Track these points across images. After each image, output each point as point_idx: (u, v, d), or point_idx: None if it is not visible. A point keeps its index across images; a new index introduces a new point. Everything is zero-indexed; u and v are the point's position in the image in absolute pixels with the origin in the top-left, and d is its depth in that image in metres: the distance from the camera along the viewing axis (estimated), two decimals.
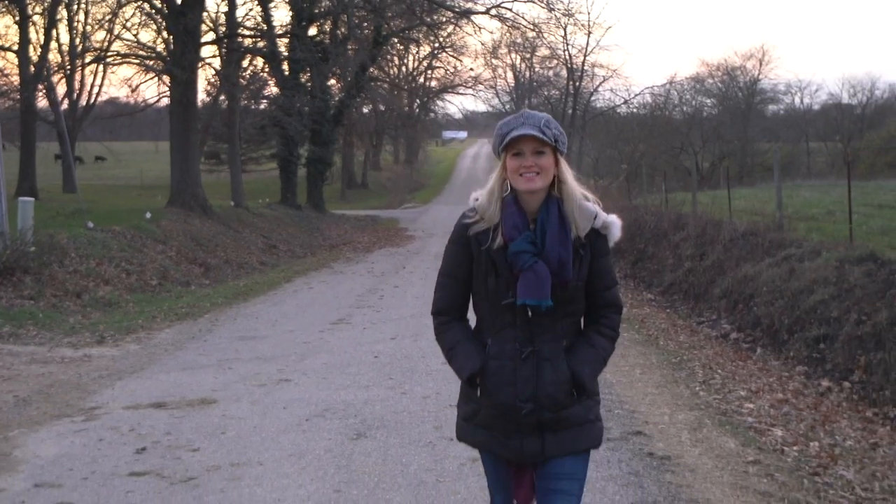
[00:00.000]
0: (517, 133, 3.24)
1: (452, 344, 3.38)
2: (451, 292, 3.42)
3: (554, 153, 3.30)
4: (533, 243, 3.23)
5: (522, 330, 3.26)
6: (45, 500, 5.28)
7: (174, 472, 5.80)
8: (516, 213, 3.27)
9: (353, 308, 13.54)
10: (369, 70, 39.14)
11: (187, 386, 8.30)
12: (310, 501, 5.25)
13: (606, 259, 3.39)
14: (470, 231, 3.32)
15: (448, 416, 7.19)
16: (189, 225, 21.87)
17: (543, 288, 3.18)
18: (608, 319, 3.44)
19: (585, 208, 3.32)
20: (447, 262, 3.43)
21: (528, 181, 3.24)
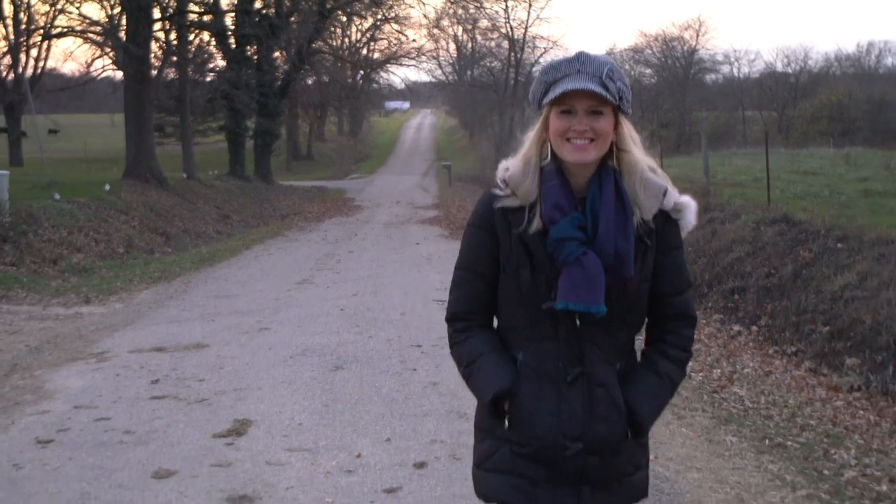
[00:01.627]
0: (570, 86, 2.48)
1: (474, 356, 2.63)
2: (471, 291, 2.69)
3: (615, 113, 2.55)
4: (581, 228, 2.51)
5: (568, 344, 2.54)
6: (86, 417, 6.55)
7: (188, 395, 7.10)
8: (560, 189, 2.55)
9: (314, 270, 14.83)
10: (314, 43, 40.12)
11: (179, 334, 9.57)
12: (304, 413, 6.60)
13: (678, 253, 2.66)
14: (496, 207, 2.62)
15: (410, 353, 8.58)
16: (147, 196, 22.89)
17: (594, 288, 2.47)
18: (677, 336, 2.70)
19: (652, 182, 2.59)
20: (467, 251, 2.71)
21: (579, 151, 2.51)
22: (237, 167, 35.85)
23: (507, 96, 46.15)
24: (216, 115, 41.87)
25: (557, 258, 2.49)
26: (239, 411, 6.63)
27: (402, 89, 79.80)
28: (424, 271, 14.71)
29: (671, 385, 2.68)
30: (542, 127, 2.59)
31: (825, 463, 5.92)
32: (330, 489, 5.12)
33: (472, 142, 64.63)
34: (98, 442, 5.95)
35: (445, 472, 5.40)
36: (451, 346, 2.75)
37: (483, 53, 54.71)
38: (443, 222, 24.37)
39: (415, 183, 43.54)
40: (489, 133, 52.44)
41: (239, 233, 23.29)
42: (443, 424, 6.34)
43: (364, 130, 78.81)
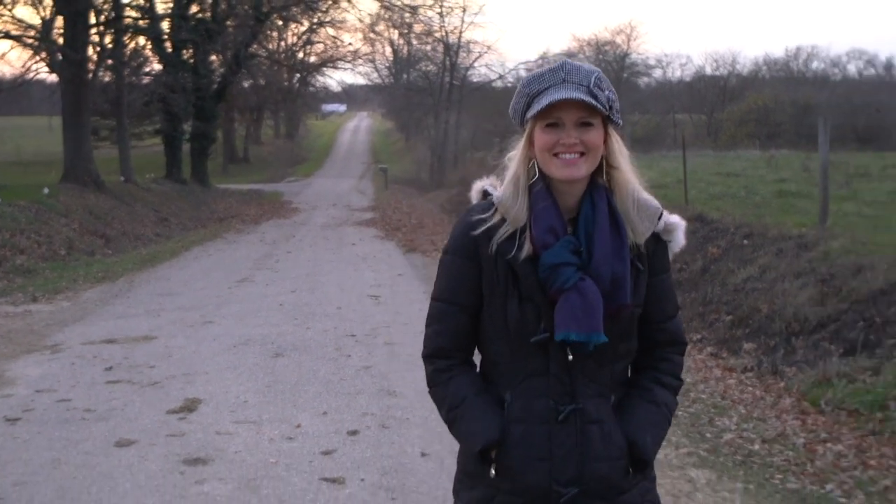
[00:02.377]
0: (556, 97, 2.32)
1: (457, 400, 2.48)
2: (453, 325, 2.51)
3: (605, 125, 2.41)
4: (576, 252, 2.37)
5: (559, 380, 2.41)
6: (48, 399, 7.23)
7: (141, 379, 7.81)
8: (552, 210, 2.39)
9: (253, 270, 15.52)
10: (251, 47, 40.62)
11: (127, 328, 10.23)
12: (249, 392, 7.36)
13: (668, 276, 2.57)
14: (479, 234, 2.44)
15: (345, 342, 9.36)
16: (86, 200, 23.30)
17: (593, 316, 2.33)
18: (669, 363, 2.60)
19: (646, 203, 2.47)
20: (445, 281, 2.53)
21: (569, 166, 2.36)
22: (174, 170, 36.20)
23: (442, 100, 46.96)
24: (152, 119, 42.15)
25: (552, 286, 2.33)
26: (189, 392, 7.36)
27: (338, 92, 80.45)
28: (360, 270, 15.46)
29: (669, 413, 2.55)
30: (527, 143, 2.43)
31: (709, 428, 6.82)
32: (273, 452, 5.89)
33: (409, 145, 65.40)
34: (62, 419, 6.64)
35: (375, 438, 6.20)
36: (431, 385, 2.56)
37: (418, 57, 55.51)
38: (378, 224, 25.11)
39: (351, 186, 44.18)
40: (425, 136, 53.21)
41: (178, 235, 23.79)
42: (373, 400, 7.13)
43: (301, 133, 79.13)
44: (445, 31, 45.60)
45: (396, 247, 19.39)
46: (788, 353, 9.64)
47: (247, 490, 5.25)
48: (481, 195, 2.56)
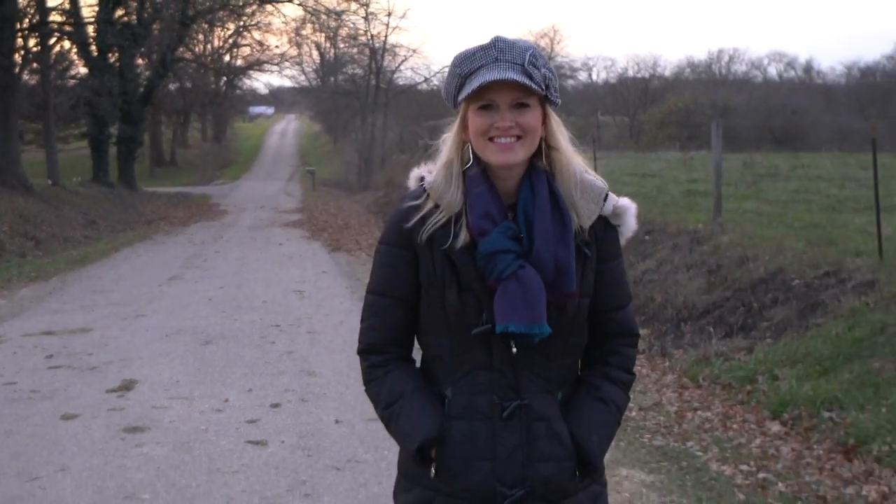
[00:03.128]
0: (488, 77, 2.19)
1: (394, 397, 2.37)
2: (388, 319, 2.41)
3: (542, 105, 2.29)
4: (515, 238, 2.26)
5: (503, 374, 2.29)
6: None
7: (80, 365, 8.53)
8: (488, 195, 2.29)
9: (182, 269, 16.18)
10: (177, 50, 41.00)
11: (64, 322, 10.89)
12: (180, 374, 8.14)
13: (618, 263, 2.44)
14: (412, 223, 2.33)
15: (270, 331, 10.15)
16: (14, 203, 23.65)
17: (535, 306, 2.21)
18: (620, 357, 2.46)
19: (590, 185, 2.37)
20: (380, 273, 2.43)
21: (505, 151, 2.24)
22: (101, 174, 36.43)
23: (368, 102, 47.72)
24: (78, 122, 42.25)
25: (490, 275, 2.22)
26: (125, 374, 8.12)
27: (265, 94, 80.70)
28: (286, 268, 16.23)
29: (618, 412, 2.41)
30: (461, 127, 2.32)
31: None
32: (204, 422, 6.69)
33: (337, 147, 65.96)
34: (10, 399, 7.36)
35: (295, 409, 7.03)
36: (366, 382, 2.44)
37: (345, 61, 56.22)
38: (305, 225, 25.81)
39: (279, 188, 44.73)
40: (353, 138, 53.91)
41: (106, 237, 24.23)
42: (294, 379, 7.96)
43: (228, 136, 79.27)
44: (371, 35, 46.37)
45: (322, 246, 20.15)
46: (677, 337, 10.68)
47: (181, 451, 6.05)
48: (418, 181, 2.42)
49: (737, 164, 28.94)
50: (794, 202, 18.28)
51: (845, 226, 13.20)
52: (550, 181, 2.31)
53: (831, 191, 20.16)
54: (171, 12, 38.72)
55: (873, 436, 6.47)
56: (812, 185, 22.02)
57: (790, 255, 10.78)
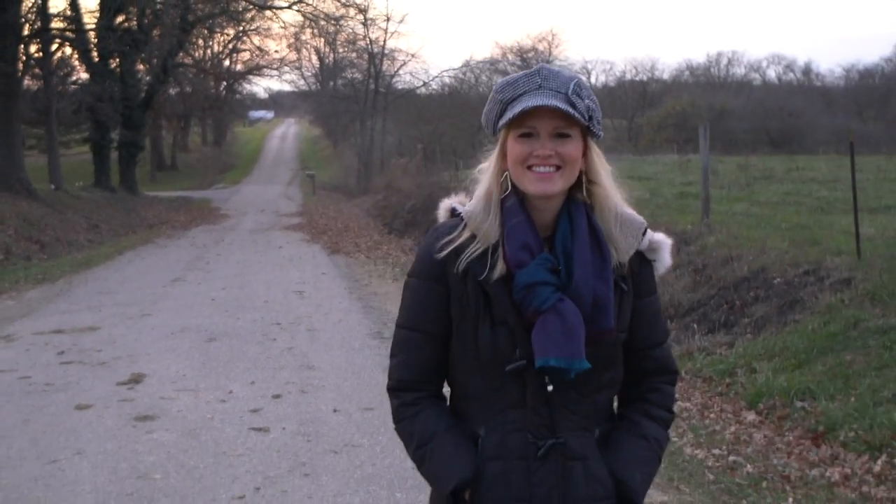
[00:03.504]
0: (530, 104, 2.18)
1: (426, 437, 2.32)
2: (420, 355, 2.36)
3: (584, 136, 2.27)
4: (553, 271, 2.22)
5: (537, 412, 2.25)
6: (10, 377, 8.35)
7: (91, 360, 8.97)
8: (525, 226, 2.25)
9: (185, 271, 16.62)
10: (177, 56, 41.48)
11: (72, 321, 11.32)
12: (186, 368, 8.58)
13: (654, 299, 2.42)
14: (445, 254, 2.29)
15: (271, 329, 10.59)
16: (19, 207, 24.10)
17: (574, 340, 2.16)
18: (660, 394, 2.44)
19: (629, 219, 2.33)
20: (412, 306, 2.39)
21: (543, 180, 2.21)
22: (102, 178, 36.88)
23: (367, 107, 48.19)
24: (80, 127, 42.73)
25: (528, 307, 2.17)
26: (134, 369, 8.56)
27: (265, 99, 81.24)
28: (286, 270, 16.67)
29: (660, 449, 2.38)
30: (500, 155, 2.30)
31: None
32: (210, 411, 7.13)
33: (336, 151, 66.42)
34: (25, 391, 7.80)
35: (295, 400, 7.47)
36: (397, 420, 2.38)
37: (344, 65, 56.72)
38: (305, 228, 26.24)
39: (279, 192, 45.18)
40: (352, 142, 54.40)
41: (109, 241, 24.67)
42: (295, 373, 8.41)
43: (228, 140, 79.74)
44: (369, 40, 46.84)
45: (322, 249, 20.58)
46: None
47: (189, 437, 6.49)
48: (449, 213, 2.40)
49: (732, 167, 29.46)
50: (784, 204, 18.73)
51: (831, 226, 13.65)
52: (590, 214, 2.26)
53: (822, 193, 20.62)
54: (171, 18, 39.21)
55: (841, 423, 6.90)
56: (804, 187, 22.48)
57: (773, 254, 11.22)
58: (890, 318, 8.32)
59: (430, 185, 28.09)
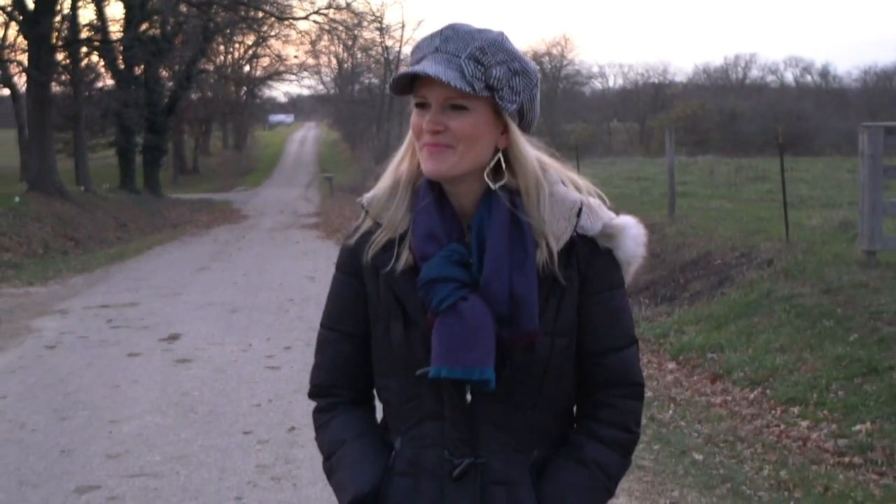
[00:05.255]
0: (412, 69, 1.90)
1: (335, 445, 2.09)
2: (335, 356, 2.13)
3: (493, 109, 1.93)
4: (463, 264, 1.92)
5: (455, 425, 1.96)
6: (71, 337, 10.44)
7: (137, 325, 11.08)
8: (435, 212, 1.96)
9: (210, 262, 18.75)
10: (199, 62, 43.79)
11: (115, 299, 13.43)
12: (214, 330, 10.67)
13: (613, 296, 2.03)
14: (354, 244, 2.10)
15: (285, 303, 12.66)
16: (52, 207, 26.32)
17: (476, 346, 1.86)
18: (613, 410, 2.04)
19: (561, 198, 1.97)
20: (329, 303, 2.19)
21: (433, 158, 1.92)
22: (128, 181, 39.15)
23: (384, 111, 50.35)
24: (105, 132, 45.09)
25: (429, 307, 1.90)
26: (171, 331, 10.66)
27: (284, 103, 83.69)
28: (300, 261, 18.76)
29: (605, 477, 2.00)
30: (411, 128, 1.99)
31: None
32: (234, 356, 9.23)
33: (354, 154, 68.56)
34: (86, 345, 9.90)
35: (302, 350, 9.52)
36: (315, 430, 2.17)
37: (361, 70, 59.01)
38: (321, 227, 28.32)
39: (298, 194, 47.30)
40: (370, 146, 56.57)
41: (137, 238, 26.83)
42: (303, 334, 10.46)
43: (248, 144, 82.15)
44: (385, 46, 49.04)
45: (335, 244, 22.58)
46: None
47: (218, 372, 8.58)
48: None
49: (731, 168, 31.32)
50: (761, 201, 20.68)
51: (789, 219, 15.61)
52: (514, 198, 1.96)
53: (802, 191, 22.51)
54: (193, 27, 41.49)
55: (736, 367, 8.87)
56: (790, 186, 24.36)
57: (719, 241, 13.24)
58: (795, 289, 10.28)
59: None
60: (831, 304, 9.39)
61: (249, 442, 6.46)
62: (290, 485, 5.60)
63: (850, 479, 5.85)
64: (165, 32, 39.73)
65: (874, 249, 10.48)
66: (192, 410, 7.29)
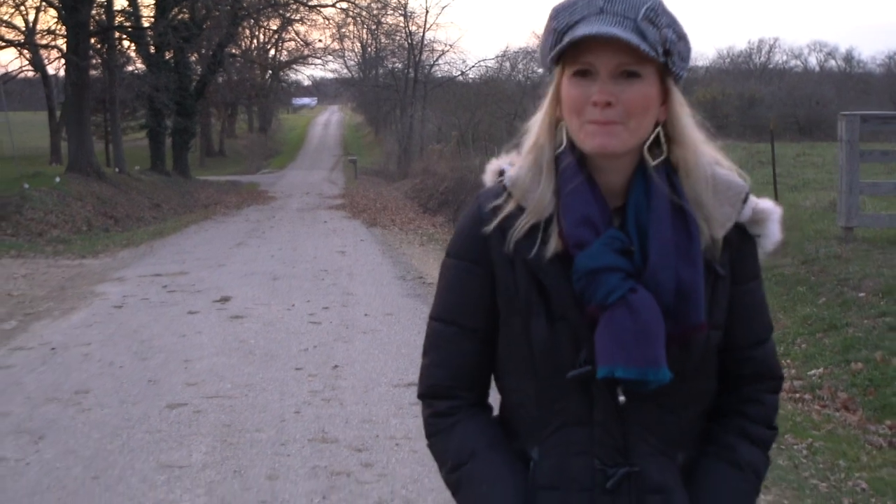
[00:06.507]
0: (583, 31, 1.67)
1: (463, 456, 1.87)
2: (456, 354, 1.91)
3: (661, 76, 1.75)
4: (624, 252, 1.73)
5: (607, 431, 1.79)
6: (134, 299, 11.94)
7: (190, 290, 12.59)
8: (587, 193, 1.76)
9: (245, 238, 20.28)
10: (227, 47, 45.32)
11: (165, 269, 14.94)
12: (259, 293, 12.18)
13: (757, 285, 1.92)
14: (488, 230, 1.84)
15: (320, 273, 14.14)
16: (91, 187, 27.91)
17: (651, 343, 1.69)
18: (760, 406, 1.93)
19: (725, 182, 1.83)
20: (445, 295, 1.94)
21: (601, 134, 1.70)
22: (158, 163, 40.75)
23: (408, 95, 51.73)
24: (135, 115, 46.74)
25: (591, 300, 1.71)
26: (222, 294, 12.17)
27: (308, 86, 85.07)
28: (330, 238, 20.25)
29: (756, 479, 1.89)
30: (553, 100, 1.80)
31: None
32: (280, 313, 10.72)
33: (378, 138, 70.04)
34: (149, 306, 11.41)
35: (339, 309, 11.01)
36: (430, 435, 1.95)
37: (385, 54, 60.33)
38: (347, 207, 29.79)
39: (323, 177, 48.86)
40: (393, 129, 57.97)
41: (171, 218, 28.39)
42: (338, 297, 11.94)
43: (273, 127, 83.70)
44: (409, 31, 50.41)
45: (362, 223, 24.15)
46: None
47: (268, 325, 10.07)
48: (496, 176, 1.91)
49: (746, 153, 32.55)
50: (768, 184, 21.96)
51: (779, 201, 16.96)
52: (672, 177, 1.78)
53: (808, 175, 23.80)
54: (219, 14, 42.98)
55: None
56: (797, 170, 25.68)
57: None
58: (777, 261, 11.63)
59: (462, 169, 31.54)
60: (807, 273, 10.76)
61: (301, 375, 7.94)
62: (337, 404, 7.07)
63: (796, 409, 7.27)
64: (196, 17, 41.23)
65: (851, 226, 11.82)
66: (251, 353, 8.78)
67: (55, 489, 5.33)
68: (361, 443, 6.13)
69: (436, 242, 19.07)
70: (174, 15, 40.07)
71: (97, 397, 7.28)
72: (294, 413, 6.85)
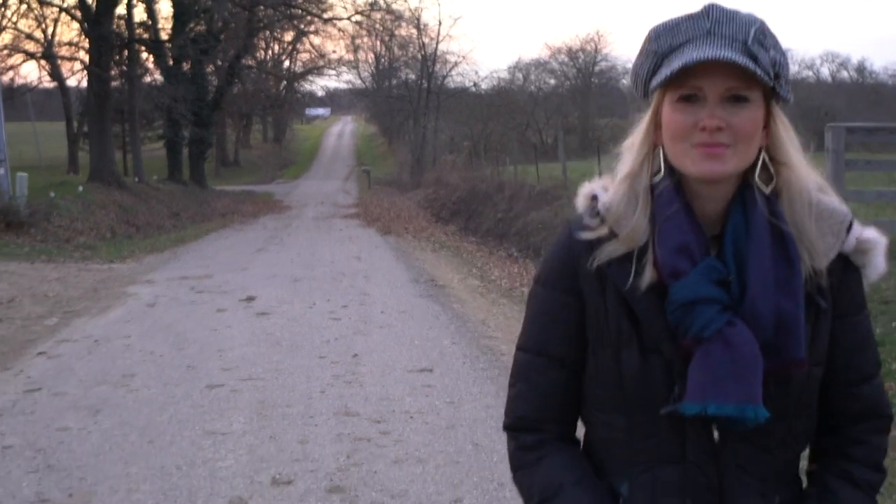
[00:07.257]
0: (696, 56, 1.62)
1: (550, 491, 1.82)
2: (543, 385, 1.87)
3: (766, 101, 1.69)
4: (722, 283, 1.68)
5: (701, 471, 1.73)
6: (165, 299, 12.87)
7: (217, 290, 13.52)
8: (684, 221, 1.70)
9: (265, 244, 21.25)
10: (243, 59, 46.41)
11: (191, 272, 15.88)
12: (283, 293, 13.10)
13: (863, 318, 1.82)
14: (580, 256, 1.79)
15: (338, 276, 15.06)
16: (112, 196, 28.93)
17: (749, 379, 1.64)
18: (866, 447, 1.83)
19: (828, 211, 1.74)
20: (535, 324, 1.89)
21: (710, 159, 1.65)
22: (175, 172, 41.81)
23: (421, 106, 52.73)
24: (153, 126, 47.84)
25: (687, 332, 1.66)
26: (247, 293, 13.09)
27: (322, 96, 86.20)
28: (346, 244, 21.20)
29: None
30: (652, 124, 1.75)
31: (473, 266, 12.57)
32: (303, 311, 11.66)
33: (392, 148, 70.99)
34: (179, 304, 12.34)
35: (357, 308, 11.93)
36: (515, 469, 1.91)
37: (399, 65, 61.39)
38: (361, 216, 30.74)
39: (337, 187, 49.84)
40: (407, 139, 58.95)
41: (190, 226, 29.38)
42: (356, 297, 12.86)
43: (287, 137, 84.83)
44: (422, 43, 51.45)
45: (376, 232, 25.09)
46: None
47: (292, 321, 11.00)
48: (588, 201, 1.83)
49: None
50: None
51: None
52: (773, 204, 1.71)
53: None
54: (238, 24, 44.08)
55: None
56: None
57: None
58: None
59: (473, 179, 32.49)
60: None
61: (324, 363, 8.86)
62: (357, 385, 7.99)
63: None
64: (213, 29, 42.31)
65: None
66: (278, 344, 9.71)
67: (116, 450, 6.25)
68: (380, 416, 7.04)
69: (448, 249, 20.01)
70: (192, 27, 41.19)
71: (142, 380, 8.20)
72: (319, 393, 7.75)
